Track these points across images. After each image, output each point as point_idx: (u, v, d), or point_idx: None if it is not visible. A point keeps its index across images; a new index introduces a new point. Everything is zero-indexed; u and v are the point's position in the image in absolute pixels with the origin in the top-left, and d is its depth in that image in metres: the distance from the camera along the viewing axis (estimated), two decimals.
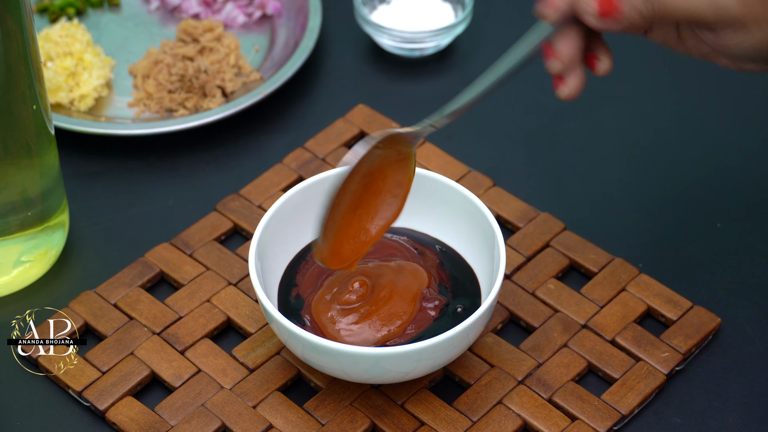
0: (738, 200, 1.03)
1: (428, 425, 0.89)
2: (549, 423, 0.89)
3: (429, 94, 1.13)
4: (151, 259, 0.99)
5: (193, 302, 0.96)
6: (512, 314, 0.95)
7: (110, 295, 0.97)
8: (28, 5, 0.88)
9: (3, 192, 0.93)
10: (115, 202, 1.04)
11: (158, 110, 1.10)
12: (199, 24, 1.14)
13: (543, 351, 0.93)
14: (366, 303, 0.90)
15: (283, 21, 1.17)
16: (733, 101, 1.11)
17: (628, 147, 1.08)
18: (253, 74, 1.12)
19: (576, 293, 0.96)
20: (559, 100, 1.11)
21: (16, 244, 0.96)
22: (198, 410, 0.90)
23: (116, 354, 0.93)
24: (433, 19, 1.15)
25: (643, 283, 0.96)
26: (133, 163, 1.07)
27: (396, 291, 0.90)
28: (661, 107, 1.11)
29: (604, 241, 0.99)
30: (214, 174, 1.06)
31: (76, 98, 1.09)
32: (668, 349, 0.92)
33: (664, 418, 0.90)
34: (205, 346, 0.94)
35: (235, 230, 1.02)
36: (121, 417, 0.90)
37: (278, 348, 0.93)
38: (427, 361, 0.86)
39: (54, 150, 0.96)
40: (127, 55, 1.15)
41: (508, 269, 0.97)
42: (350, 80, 1.14)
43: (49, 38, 1.10)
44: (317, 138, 1.07)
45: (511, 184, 1.03)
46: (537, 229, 1.00)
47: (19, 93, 0.90)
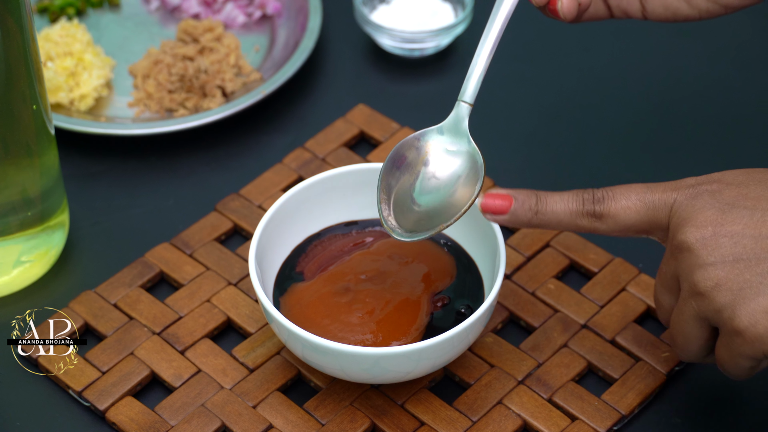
0: None
1: (428, 425, 0.89)
2: (549, 423, 0.89)
3: (429, 94, 1.13)
4: (151, 259, 0.99)
5: (193, 302, 0.96)
6: (512, 314, 0.95)
7: (110, 295, 0.97)
8: (28, 5, 0.88)
9: (3, 192, 0.93)
10: (115, 202, 1.04)
11: (158, 110, 1.10)
12: (199, 24, 1.14)
13: (543, 351, 0.93)
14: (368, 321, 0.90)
15: (283, 21, 1.17)
16: (735, 101, 1.11)
17: (628, 147, 1.08)
18: (253, 74, 1.12)
19: (576, 293, 0.96)
20: (559, 100, 1.12)
21: (16, 244, 0.96)
22: (198, 410, 0.90)
23: (116, 354, 0.93)
24: (433, 19, 1.15)
25: (643, 283, 0.96)
26: (133, 163, 1.07)
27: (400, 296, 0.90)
28: (662, 107, 1.11)
29: (604, 241, 0.99)
30: (214, 174, 1.06)
31: (76, 98, 1.09)
32: (668, 349, 0.92)
33: (664, 418, 0.90)
34: (205, 346, 0.94)
35: (235, 230, 1.02)
36: (121, 417, 0.90)
37: (278, 348, 0.93)
38: (427, 361, 0.86)
39: (54, 150, 0.96)
40: (127, 55, 1.15)
41: (508, 269, 0.97)
42: (350, 80, 1.14)
43: (49, 38, 1.10)
44: (317, 138, 1.07)
45: (511, 184, 1.03)
46: (537, 229, 1.00)
47: (19, 93, 0.90)
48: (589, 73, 1.14)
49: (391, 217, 0.87)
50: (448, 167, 0.88)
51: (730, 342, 0.79)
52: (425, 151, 0.88)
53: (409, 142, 0.89)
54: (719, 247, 0.79)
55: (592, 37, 1.16)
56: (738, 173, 0.82)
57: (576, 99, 1.12)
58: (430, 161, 0.88)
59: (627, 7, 0.90)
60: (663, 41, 1.16)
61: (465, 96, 0.88)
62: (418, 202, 0.88)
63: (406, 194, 0.88)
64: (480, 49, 0.87)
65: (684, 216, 0.81)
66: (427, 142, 0.88)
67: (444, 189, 0.88)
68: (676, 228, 0.81)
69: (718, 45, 1.15)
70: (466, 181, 0.87)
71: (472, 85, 0.88)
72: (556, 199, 0.85)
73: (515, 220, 0.86)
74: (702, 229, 0.79)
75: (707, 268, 0.79)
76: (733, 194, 0.80)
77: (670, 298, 0.83)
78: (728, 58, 1.14)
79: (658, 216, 0.82)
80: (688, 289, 0.80)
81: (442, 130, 0.88)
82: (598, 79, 1.13)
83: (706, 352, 0.83)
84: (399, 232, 0.87)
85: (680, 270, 0.80)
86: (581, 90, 1.12)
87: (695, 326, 0.81)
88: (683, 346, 0.83)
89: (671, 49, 1.15)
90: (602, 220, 0.84)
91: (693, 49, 1.15)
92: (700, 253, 0.79)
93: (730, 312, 0.78)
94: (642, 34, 1.16)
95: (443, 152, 0.88)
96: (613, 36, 1.16)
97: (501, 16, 0.87)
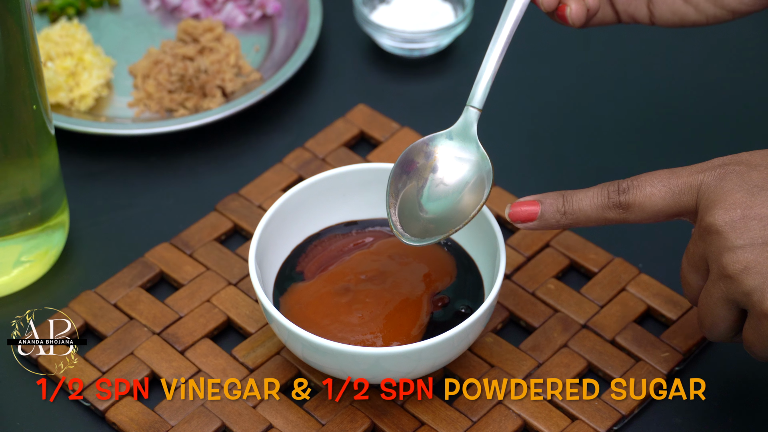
0: None
1: (428, 425, 0.89)
2: (549, 423, 0.89)
3: (429, 94, 1.13)
4: (151, 259, 0.99)
5: (193, 302, 0.96)
6: (512, 314, 0.95)
7: (110, 295, 0.97)
8: (28, 5, 0.88)
9: (3, 192, 0.93)
10: (115, 202, 1.04)
11: (158, 110, 1.10)
12: (199, 24, 1.14)
13: (543, 351, 0.93)
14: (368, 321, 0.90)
15: (283, 21, 1.17)
16: (735, 101, 1.11)
17: (629, 146, 1.08)
18: (253, 74, 1.12)
19: (576, 293, 0.96)
20: (559, 101, 1.12)
21: (16, 244, 0.96)
22: (198, 410, 0.90)
23: (116, 354, 0.93)
24: (433, 19, 1.15)
25: (643, 283, 0.96)
26: (133, 163, 1.07)
27: (400, 296, 0.90)
28: (661, 107, 1.11)
29: (604, 241, 0.99)
30: (214, 174, 1.06)
31: (76, 98, 1.09)
32: (668, 349, 0.92)
33: (664, 418, 0.90)
34: (205, 346, 0.94)
35: (235, 230, 1.02)
36: (121, 417, 0.90)
37: (278, 348, 0.93)
38: (427, 361, 0.86)
39: (54, 150, 0.96)
40: (127, 55, 1.15)
41: (508, 269, 0.97)
42: (350, 80, 1.14)
43: (49, 38, 1.10)
44: (317, 138, 1.07)
45: (511, 184, 1.03)
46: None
47: (19, 93, 0.90)
48: (590, 72, 1.14)
49: (398, 223, 0.87)
50: (457, 174, 0.88)
51: (759, 324, 0.79)
52: (434, 157, 0.88)
53: (418, 147, 0.88)
54: (748, 230, 0.79)
55: (592, 37, 1.16)
56: (765, 153, 0.81)
57: (575, 98, 1.12)
58: (438, 167, 0.88)
59: (635, 12, 0.90)
60: (665, 41, 1.16)
61: (474, 101, 0.88)
62: (425, 208, 0.88)
63: (414, 200, 0.88)
64: (489, 53, 0.87)
65: (712, 198, 0.80)
66: (436, 147, 0.88)
67: (452, 196, 0.87)
68: (704, 210, 0.81)
69: (718, 44, 1.15)
70: (474, 187, 0.87)
71: (481, 90, 0.87)
72: (581, 196, 0.85)
73: (545, 224, 0.86)
74: (730, 211, 0.79)
75: (736, 251, 0.79)
76: (761, 176, 0.80)
77: (697, 278, 0.83)
78: (728, 57, 1.14)
79: (684, 200, 0.82)
80: (716, 272, 0.80)
81: (451, 135, 0.88)
82: (597, 77, 1.13)
83: (733, 333, 0.83)
84: (408, 237, 0.87)
85: (709, 252, 0.80)
86: (583, 90, 1.12)
87: (723, 308, 0.81)
88: (710, 326, 0.83)
89: (673, 48, 1.15)
90: (630, 210, 0.84)
91: (694, 49, 1.15)
92: (729, 235, 0.79)
93: (759, 295, 0.78)
94: (643, 34, 1.16)
95: (452, 158, 0.88)
96: (614, 35, 1.16)
97: (510, 21, 0.87)
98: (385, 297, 0.90)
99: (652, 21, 0.91)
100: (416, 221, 0.87)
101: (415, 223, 0.87)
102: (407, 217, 0.87)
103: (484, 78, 0.87)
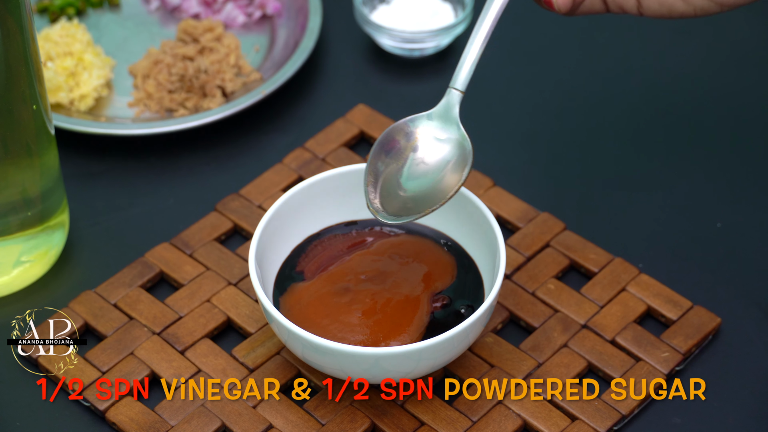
0: (738, 200, 1.03)
1: (428, 425, 0.89)
2: (549, 423, 0.89)
3: (429, 94, 1.13)
4: (151, 259, 0.99)
5: (193, 302, 0.96)
6: (512, 314, 0.95)
7: (110, 295, 0.97)
8: (28, 5, 0.88)
9: (3, 192, 0.93)
10: (115, 202, 1.04)
11: (158, 110, 1.10)
12: (199, 24, 1.14)
13: (543, 351, 0.93)
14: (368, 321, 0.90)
15: (283, 21, 1.17)
16: (735, 100, 1.11)
17: (629, 146, 1.08)
18: (253, 74, 1.12)
19: (576, 293, 0.96)
20: (559, 100, 1.12)
21: (16, 244, 0.96)
22: (198, 410, 0.90)
23: (116, 354, 0.93)
24: (433, 19, 1.15)
25: (643, 283, 0.96)
26: (133, 163, 1.07)
27: (400, 296, 0.90)
28: (661, 107, 1.11)
29: (604, 241, 0.99)
30: (214, 174, 1.06)
31: (76, 98, 1.09)
32: (668, 349, 0.92)
33: (664, 418, 0.90)
34: (205, 346, 0.94)
35: (235, 230, 1.02)
36: (121, 417, 0.90)
37: (278, 348, 0.93)
38: (427, 361, 0.86)
39: (54, 150, 0.96)
40: (127, 55, 1.15)
41: (508, 269, 0.97)
42: (350, 80, 1.14)
43: (49, 38, 1.10)
44: (317, 138, 1.07)
45: (511, 184, 1.03)
46: (537, 229, 1.00)
47: (19, 93, 0.90)
48: (588, 71, 1.14)
49: (377, 201, 0.88)
50: (437, 153, 0.88)
51: None
52: (415, 137, 0.89)
53: (398, 127, 0.89)
54: None
55: (590, 35, 1.16)
56: None
57: (575, 97, 1.12)
58: (419, 147, 0.89)
59: (622, 2, 0.90)
60: (663, 40, 1.16)
61: (456, 83, 0.88)
62: (404, 187, 0.88)
63: (394, 179, 0.88)
64: (473, 37, 0.88)
65: None
66: (416, 127, 0.89)
67: (432, 174, 0.88)
68: None
69: (717, 44, 1.15)
70: (455, 167, 0.88)
71: (464, 73, 0.88)
72: None
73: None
74: None
75: None
76: None
77: None
78: (727, 56, 1.14)
79: None
80: None
81: (432, 116, 0.89)
82: (597, 77, 1.13)
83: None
84: (384, 215, 0.87)
85: None
86: (580, 88, 1.12)
87: None
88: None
89: (672, 47, 1.15)
90: None
91: (693, 48, 1.15)
92: None
93: None
94: (642, 32, 1.16)
95: (432, 139, 0.88)
96: (612, 34, 1.16)
97: (496, 4, 0.87)
98: (385, 297, 0.90)
99: (640, 11, 0.90)
100: (395, 200, 0.88)
101: (394, 202, 0.88)
102: (386, 196, 0.88)
103: (468, 61, 0.88)
